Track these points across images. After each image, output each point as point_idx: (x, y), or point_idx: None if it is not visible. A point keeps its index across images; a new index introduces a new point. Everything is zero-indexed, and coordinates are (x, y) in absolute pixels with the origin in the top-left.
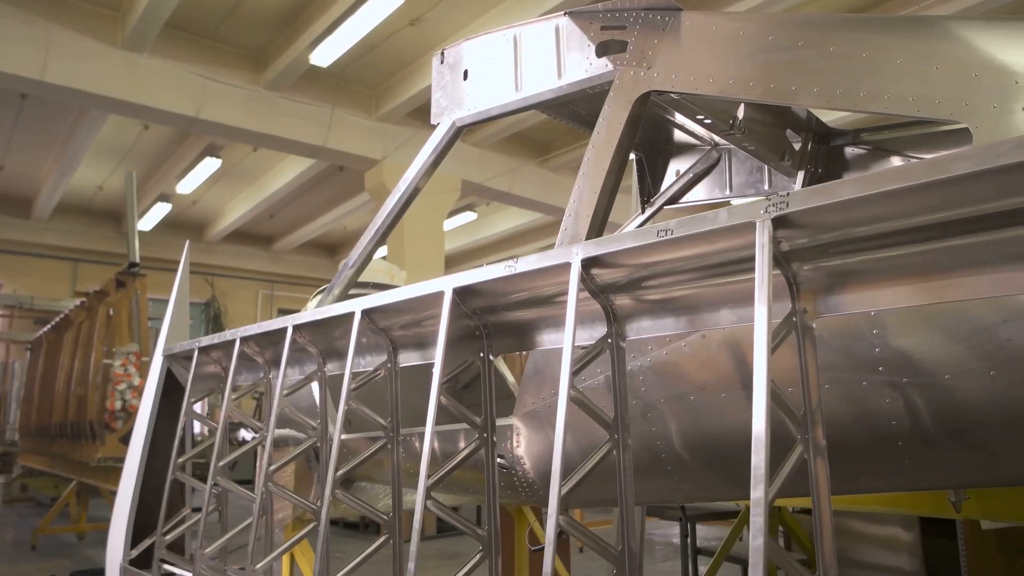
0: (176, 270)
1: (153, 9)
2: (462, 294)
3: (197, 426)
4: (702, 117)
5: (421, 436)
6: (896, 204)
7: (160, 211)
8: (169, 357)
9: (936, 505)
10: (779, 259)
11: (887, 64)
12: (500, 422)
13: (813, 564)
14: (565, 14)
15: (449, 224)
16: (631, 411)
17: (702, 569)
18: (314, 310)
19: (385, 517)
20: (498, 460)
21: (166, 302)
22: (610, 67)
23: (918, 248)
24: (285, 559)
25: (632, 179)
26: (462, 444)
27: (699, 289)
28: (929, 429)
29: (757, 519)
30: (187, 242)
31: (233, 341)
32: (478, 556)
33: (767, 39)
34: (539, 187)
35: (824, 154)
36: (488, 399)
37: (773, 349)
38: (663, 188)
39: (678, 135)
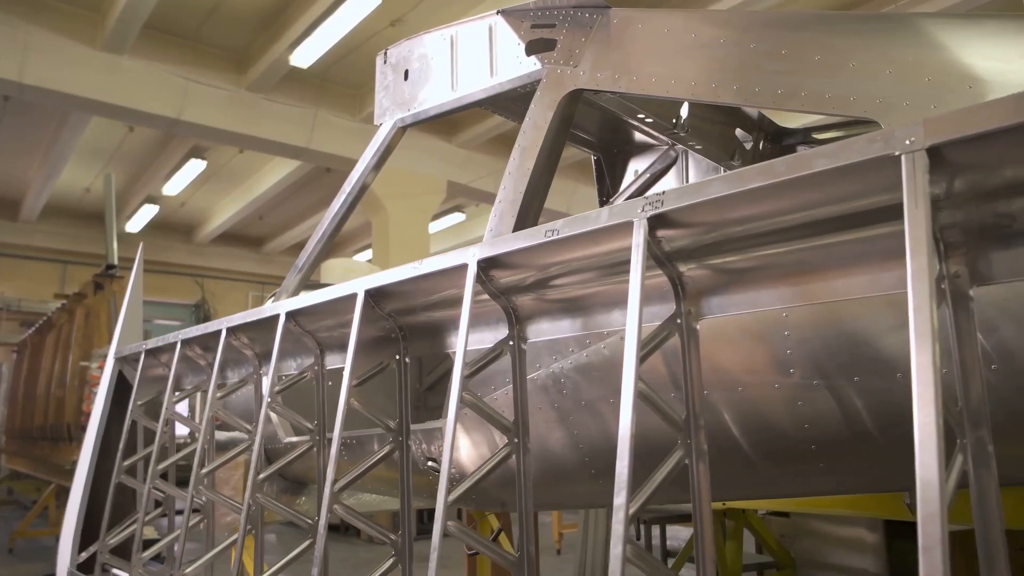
0: (165, 272)
1: (131, 10)
2: (375, 296)
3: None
4: (643, 116)
5: (358, 438)
6: (764, 201)
7: (148, 213)
8: (120, 360)
9: (893, 507)
10: (661, 259)
11: (804, 61)
12: (432, 424)
13: (783, 566)
14: (498, 13)
15: (438, 225)
16: (554, 414)
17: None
18: (245, 312)
19: (309, 522)
20: (430, 463)
21: (155, 304)
22: (538, 66)
23: (792, 247)
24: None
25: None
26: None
27: (593, 290)
28: (839, 432)
29: (618, 526)
30: (140, 245)
31: (175, 344)
32: (390, 561)
33: (691, 36)
34: None
35: (776, 153)
36: (403, 402)
37: (653, 350)
38: (622, 188)
39: (638, 135)
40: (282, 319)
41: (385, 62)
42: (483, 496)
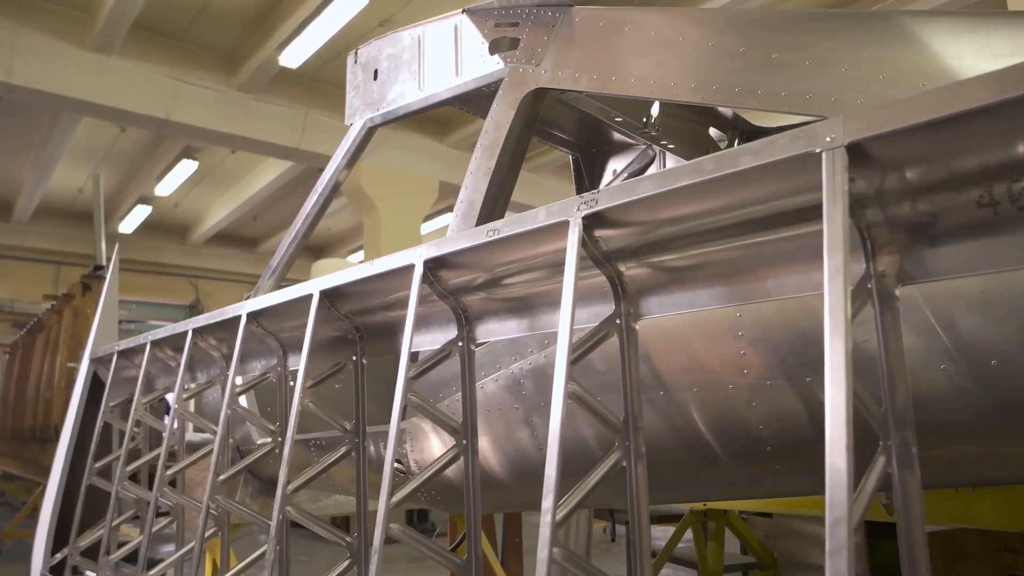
0: (159, 272)
1: (119, 10)
2: (332, 296)
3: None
4: (613, 115)
5: (328, 440)
6: (695, 200)
7: (141, 213)
8: (95, 361)
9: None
10: (599, 259)
11: (761, 59)
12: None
13: (765, 567)
14: (463, 11)
15: (432, 226)
16: (517, 415)
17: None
18: (210, 313)
19: (268, 523)
20: (396, 464)
21: (149, 305)
22: (502, 65)
23: (728, 245)
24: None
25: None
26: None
27: (541, 289)
28: (796, 434)
29: (545, 530)
30: (116, 246)
31: (145, 345)
32: (345, 563)
33: (651, 34)
34: (519, 188)
35: None
36: (360, 404)
37: (589, 350)
38: (600, 187)
39: (616, 134)
40: (243, 320)
41: (356, 62)
42: (450, 497)
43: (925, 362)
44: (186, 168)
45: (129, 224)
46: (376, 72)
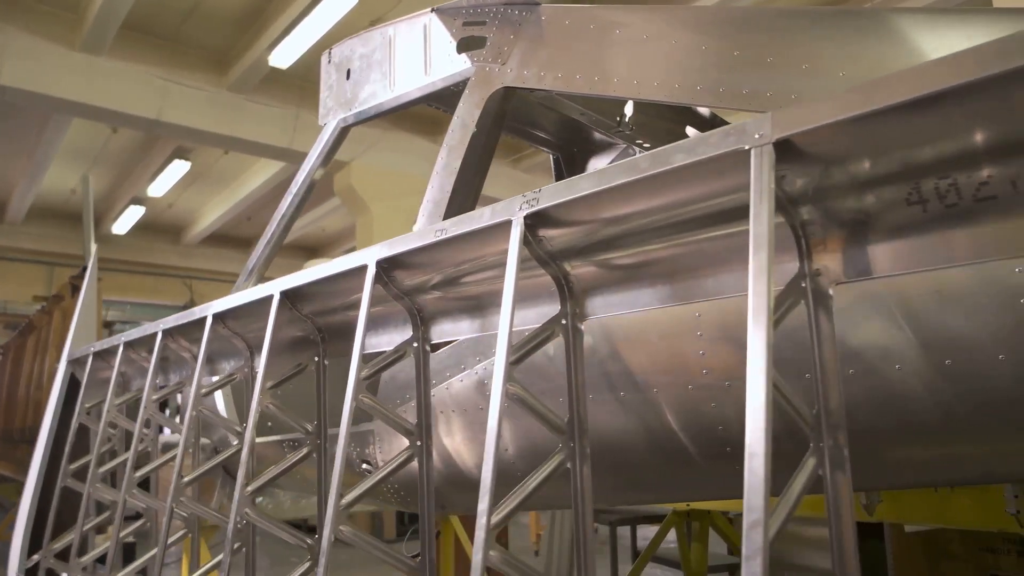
0: (153, 273)
1: (108, 10)
2: (292, 297)
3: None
4: (587, 115)
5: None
6: (634, 199)
7: (134, 214)
8: (72, 362)
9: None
10: (544, 258)
11: (723, 57)
12: (366, 427)
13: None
14: (433, 11)
15: None
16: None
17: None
18: (178, 314)
19: (230, 524)
20: (364, 466)
21: (143, 305)
22: (469, 64)
23: (666, 244)
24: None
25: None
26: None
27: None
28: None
29: (480, 533)
30: (95, 247)
31: (118, 346)
32: (306, 566)
33: (615, 32)
34: (512, 188)
35: None
36: (322, 405)
37: (533, 350)
38: None
39: (598, 134)
40: (209, 321)
41: (329, 61)
42: (410, 497)
43: (884, 359)
44: (178, 168)
45: (123, 225)
46: (349, 72)
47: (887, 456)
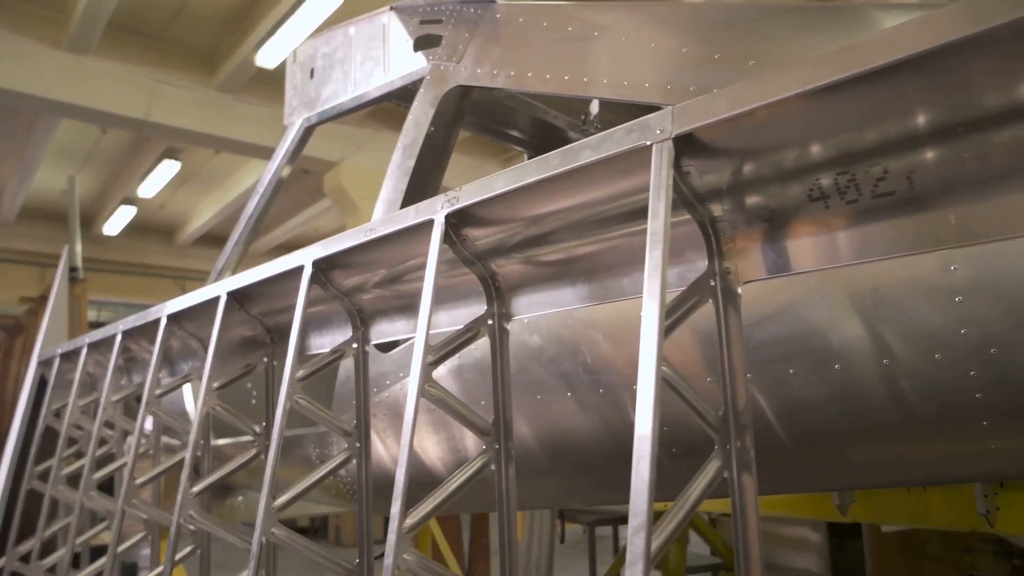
0: (146, 274)
1: (93, 9)
2: (240, 298)
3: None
4: (550, 113)
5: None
6: (549, 196)
7: (126, 215)
8: (42, 364)
9: (823, 508)
10: (468, 258)
11: (670, 54)
12: (313, 429)
13: (731, 567)
14: (391, 9)
15: None
16: (434, 416)
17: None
18: (136, 315)
19: (176, 528)
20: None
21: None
22: (425, 62)
23: (582, 242)
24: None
25: None
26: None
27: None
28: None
29: (391, 536)
30: (65, 247)
31: (82, 347)
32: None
33: (567, 29)
34: None
35: None
36: (269, 406)
37: (456, 350)
38: None
39: (573, 132)
40: (163, 322)
41: (294, 61)
42: (379, 499)
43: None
44: (168, 169)
45: (114, 226)
46: (312, 71)
47: (828, 456)
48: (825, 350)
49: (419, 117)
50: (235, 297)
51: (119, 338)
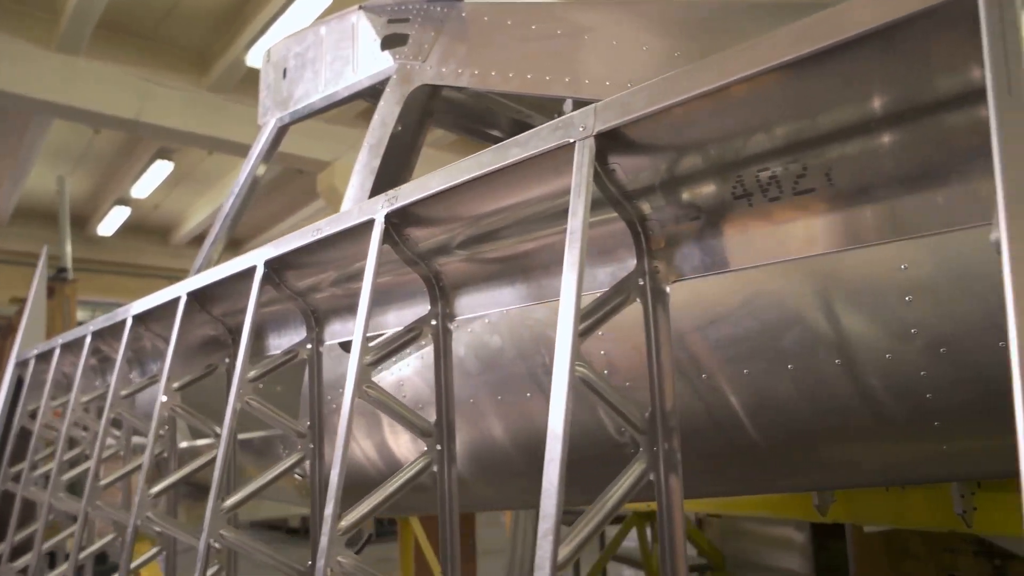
0: (142, 275)
1: (83, 9)
2: (201, 298)
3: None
4: (522, 112)
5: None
6: (483, 195)
7: (120, 215)
8: (19, 364)
9: (805, 508)
10: (411, 258)
11: (632, 51)
12: (265, 433)
13: (716, 568)
14: (360, 8)
15: None
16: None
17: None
18: (106, 315)
19: (155, 528)
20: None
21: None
22: (391, 62)
23: (518, 241)
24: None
25: None
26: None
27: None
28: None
29: (323, 539)
30: (44, 247)
31: (54, 349)
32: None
33: (531, 28)
34: None
35: None
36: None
37: (398, 350)
38: None
39: None
40: (129, 322)
41: (268, 61)
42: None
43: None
44: (161, 169)
45: (108, 226)
46: (285, 71)
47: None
48: (777, 350)
49: (385, 116)
50: (195, 298)
51: (88, 339)
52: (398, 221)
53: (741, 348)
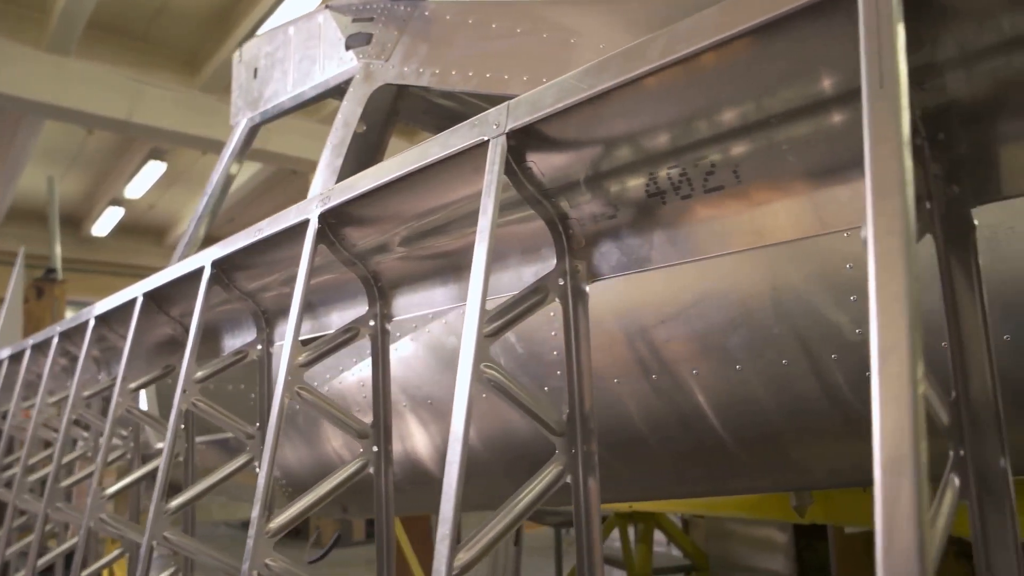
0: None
1: (72, 9)
2: (157, 299)
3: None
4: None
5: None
6: (412, 194)
7: (114, 216)
8: None
9: (784, 509)
10: (350, 259)
11: (588, 50)
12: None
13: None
14: (326, 7)
15: None
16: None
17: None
18: (72, 316)
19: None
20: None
21: None
22: (356, 61)
23: (448, 239)
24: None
25: None
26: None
27: (321, 291)
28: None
29: (249, 542)
30: (22, 248)
31: (25, 350)
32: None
33: (491, 27)
34: None
35: None
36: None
37: (334, 350)
38: None
39: None
40: (91, 323)
41: (240, 60)
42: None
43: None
44: (154, 169)
45: (103, 227)
46: (256, 71)
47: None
48: (724, 350)
49: (348, 116)
50: (153, 299)
51: (55, 340)
52: (335, 221)
53: (691, 347)
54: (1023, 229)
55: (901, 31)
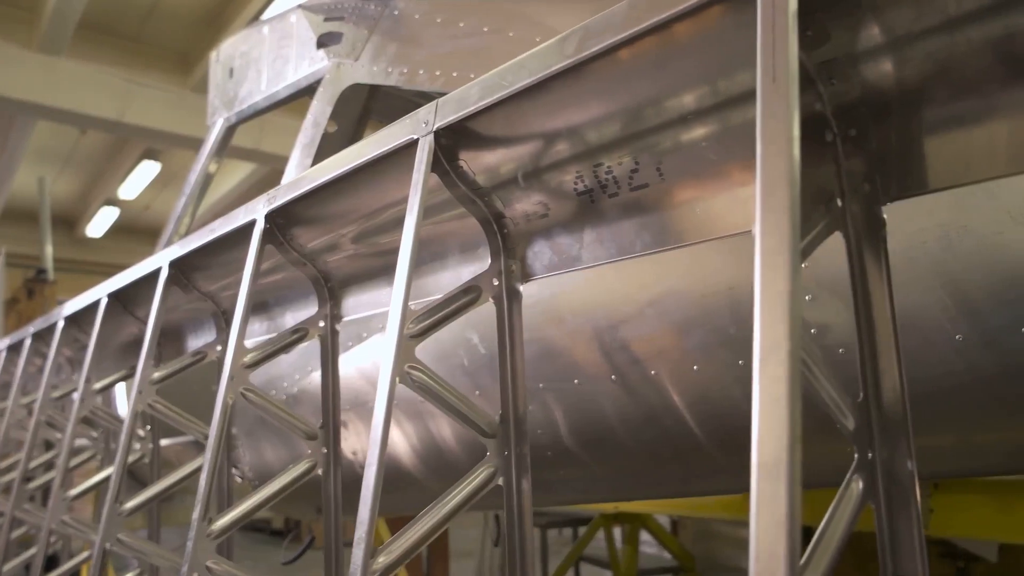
0: None
1: (62, 9)
2: (123, 300)
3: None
4: None
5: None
6: (351, 194)
7: (109, 216)
8: None
9: None
10: (299, 259)
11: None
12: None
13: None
14: (299, 7)
15: None
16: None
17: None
18: (42, 318)
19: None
20: (233, 470)
21: None
22: (326, 61)
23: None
24: None
25: None
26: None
27: (275, 291)
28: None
29: (189, 544)
30: (2, 248)
31: (1, 352)
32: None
33: (459, 26)
34: None
35: None
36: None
37: (276, 354)
38: None
39: None
40: (60, 325)
41: (217, 60)
42: (290, 503)
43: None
44: (148, 169)
45: (98, 227)
46: (231, 71)
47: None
48: (683, 350)
49: (317, 116)
50: (118, 299)
51: (28, 341)
52: (283, 221)
53: (644, 347)
54: (976, 227)
55: (794, 25)
